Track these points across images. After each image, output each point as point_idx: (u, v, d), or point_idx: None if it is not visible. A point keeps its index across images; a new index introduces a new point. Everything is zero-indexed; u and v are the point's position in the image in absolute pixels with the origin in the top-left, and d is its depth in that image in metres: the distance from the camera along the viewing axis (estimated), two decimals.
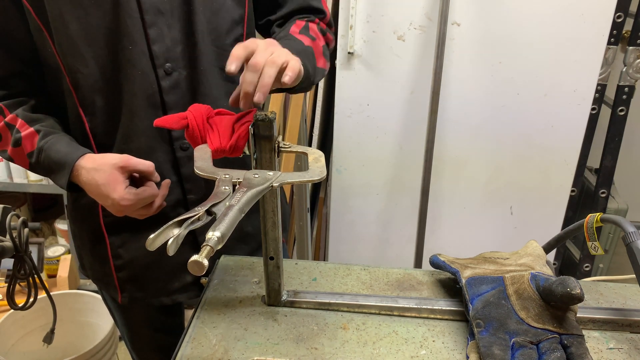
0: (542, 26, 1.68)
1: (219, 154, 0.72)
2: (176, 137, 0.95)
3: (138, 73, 0.89)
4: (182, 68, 0.92)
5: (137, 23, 0.87)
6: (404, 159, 1.87)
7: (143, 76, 0.90)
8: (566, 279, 0.69)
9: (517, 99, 1.78)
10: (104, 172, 0.84)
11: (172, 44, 0.90)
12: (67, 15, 0.85)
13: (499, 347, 0.68)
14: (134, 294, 1.05)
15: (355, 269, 0.93)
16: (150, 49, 0.89)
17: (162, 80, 0.91)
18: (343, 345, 0.75)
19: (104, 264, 1.03)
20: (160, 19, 0.88)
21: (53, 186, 2.41)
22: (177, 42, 0.90)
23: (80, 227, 1.06)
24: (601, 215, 0.79)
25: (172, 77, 0.91)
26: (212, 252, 0.53)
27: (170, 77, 0.91)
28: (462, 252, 0.98)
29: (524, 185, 1.90)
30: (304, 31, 0.96)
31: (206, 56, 0.93)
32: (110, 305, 1.16)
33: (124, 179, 0.85)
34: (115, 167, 0.84)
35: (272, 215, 0.75)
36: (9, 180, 2.42)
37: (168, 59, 0.90)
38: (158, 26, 0.88)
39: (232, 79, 0.96)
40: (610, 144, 2.10)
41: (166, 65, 0.90)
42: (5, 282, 0.93)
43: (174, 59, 0.91)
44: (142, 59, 0.89)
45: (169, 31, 0.89)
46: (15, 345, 1.55)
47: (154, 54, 0.89)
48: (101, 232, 1.01)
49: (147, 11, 0.87)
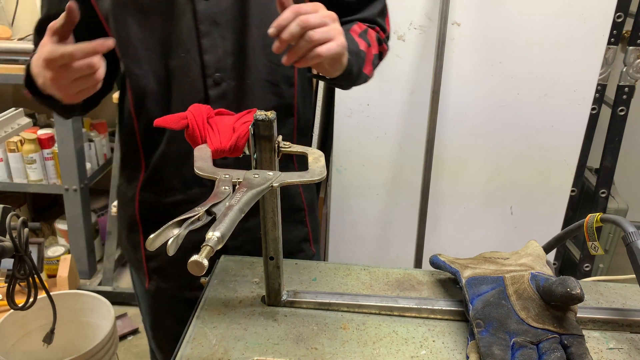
0: (542, 26, 1.68)
1: (219, 154, 0.72)
2: None
3: (188, 80, 0.92)
4: (231, 79, 0.93)
5: (192, 32, 0.89)
6: (404, 159, 1.87)
7: (193, 84, 0.92)
8: (566, 279, 0.69)
9: (517, 99, 1.78)
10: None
11: (223, 55, 0.92)
12: (129, 18, 0.88)
13: (499, 347, 0.68)
14: (160, 284, 1.08)
15: (355, 269, 0.93)
16: (202, 58, 0.91)
17: (210, 90, 0.93)
18: (343, 345, 0.75)
19: (136, 251, 1.08)
20: (215, 30, 0.90)
21: (53, 186, 2.41)
22: (228, 54, 0.92)
23: (120, 212, 1.11)
24: (601, 215, 0.79)
25: (220, 87, 0.93)
26: (212, 252, 0.53)
27: (218, 87, 0.93)
28: (462, 252, 0.98)
29: (524, 185, 1.90)
30: (363, 35, 0.97)
31: (256, 69, 0.94)
32: (138, 291, 1.18)
33: (49, 41, 0.77)
34: (42, 47, 0.78)
35: (272, 215, 0.75)
36: (9, 180, 2.42)
37: (218, 69, 0.92)
38: (212, 37, 0.90)
39: (279, 92, 0.98)
40: (610, 144, 2.10)
41: (215, 75, 0.92)
42: (5, 282, 0.93)
43: (224, 69, 0.92)
44: (193, 67, 0.91)
45: (222, 42, 0.91)
46: (15, 345, 1.55)
47: (205, 63, 0.91)
48: (136, 222, 1.05)
49: (202, 21, 0.89)
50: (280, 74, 0.96)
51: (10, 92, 2.86)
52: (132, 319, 2.30)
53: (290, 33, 0.73)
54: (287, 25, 0.73)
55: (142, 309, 1.22)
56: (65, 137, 2.28)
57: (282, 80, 0.97)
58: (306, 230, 1.13)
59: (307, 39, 0.74)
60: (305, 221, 1.12)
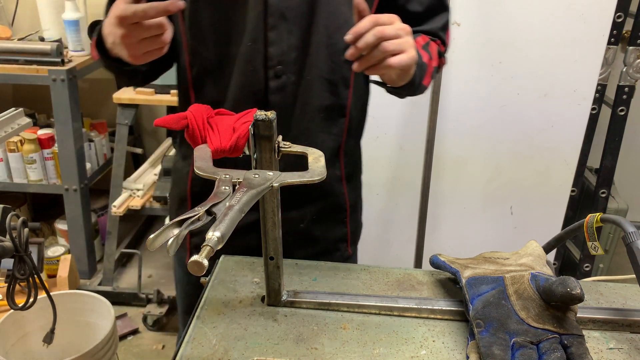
0: (542, 26, 1.68)
1: (219, 154, 0.72)
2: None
3: (250, 69, 0.94)
4: (292, 73, 0.96)
5: (260, 23, 0.92)
6: (404, 159, 1.88)
7: (254, 73, 0.95)
8: (566, 279, 0.69)
9: (517, 99, 1.78)
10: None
11: (287, 49, 0.94)
12: (201, 1, 0.92)
13: (499, 347, 0.68)
14: None
15: (355, 269, 0.93)
16: (266, 49, 0.93)
17: (271, 81, 0.95)
18: (343, 345, 0.75)
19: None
20: (282, 24, 0.92)
21: (53, 186, 2.41)
22: (292, 48, 0.94)
23: (173, 189, 1.14)
24: (601, 215, 0.79)
25: (280, 79, 0.95)
26: (212, 252, 0.53)
27: (278, 80, 0.95)
28: (462, 252, 0.98)
29: (524, 185, 1.90)
30: (426, 47, 0.99)
31: (317, 67, 0.96)
32: (177, 262, 1.20)
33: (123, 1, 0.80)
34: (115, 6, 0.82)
35: (272, 215, 0.75)
36: (9, 180, 2.42)
37: (280, 62, 0.94)
38: (279, 30, 0.93)
39: (335, 92, 1.00)
40: (610, 144, 2.10)
41: (277, 67, 0.94)
42: (5, 282, 0.93)
43: (286, 63, 0.94)
44: (257, 57, 0.94)
45: (287, 37, 0.93)
46: (15, 345, 1.55)
47: (269, 55, 0.93)
48: (187, 197, 1.07)
49: (272, 14, 0.91)
50: (339, 74, 0.98)
51: (10, 92, 2.86)
52: (132, 319, 2.30)
53: (366, 42, 0.77)
54: (364, 33, 0.77)
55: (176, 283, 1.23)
56: (65, 137, 2.28)
57: (339, 80, 0.99)
58: (345, 230, 1.14)
59: (381, 49, 0.78)
60: (346, 221, 1.13)
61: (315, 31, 0.94)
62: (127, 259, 2.68)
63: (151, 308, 2.28)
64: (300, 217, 1.06)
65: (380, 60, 0.79)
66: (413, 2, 1.01)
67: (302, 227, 1.07)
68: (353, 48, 0.79)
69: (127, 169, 2.44)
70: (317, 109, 0.99)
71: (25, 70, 2.19)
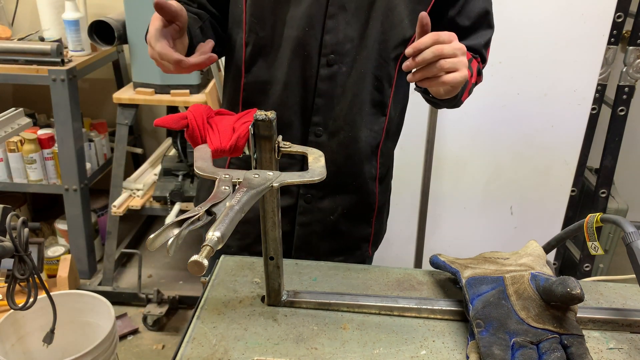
0: (542, 26, 1.68)
1: (219, 154, 0.72)
2: (315, 122, 1.01)
3: (304, 53, 0.97)
4: (343, 64, 0.98)
5: (321, 11, 0.95)
6: (404, 159, 1.87)
7: (307, 58, 0.97)
8: (566, 279, 0.69)
9: (517, 99, 1.78)
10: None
11: (343, 39, 0.96)
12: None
13: (499, 347, 0.68)
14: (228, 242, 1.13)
15: (356, 269, 0.93)
16: (322, 37, 0.96)
17: (322, 68, 0.98)
18: (343, 345, 0.75)
19: None
20: (341, 14, 0.95)
21: (53, 186, 2.41)
22: (347, 40, 0.97)
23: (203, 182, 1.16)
24: (601, 215, 0.79)
25: (332, 68, 0.98)
26: (212, 252, 0.53)
27: (330, 68, 0.98)
28: (462, 252, 0.98)
29: (524, 185, 1.90)
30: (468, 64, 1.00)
31: (367, 61, 0.98)
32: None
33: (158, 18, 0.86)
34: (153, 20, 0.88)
35: (272, 215, 0.75)
36: (9, 180, 2.42)
37: (334, 52, 0.97)
38: (337, 19, 0.95)
39: (380, 88, 1.02)
40: (610, 144, 2.10)
41: (330, 56, 0.97)
42: (5, 282, 0.93)
43: (339, 53, 0.97)
44: (312, 43, 0.96)
45: (344, 27, 0.96)
46: (15, 345, 1.55)
47: (324, 43, 0.96)
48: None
49: (332, 3, 0.94)
50: (385, 71, 1.00)
51: (10, 92, 2.86)
52: (132, 319, 2.30)
53: (424, 58, 0.81)
54: (423, 49, 0.80)
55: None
56: (65, 137, 2.27)
57: (385, 78, 1.01)
58: (370, 230, 1.15)
59: (438, 66, 0.81)
60: (372, 222, 1.14)
61: (371, 26, 0.96)
62: (127, 259, 2.68)
63: (151, 308, 2.27)
64: (332, 209, 1.08)
65: (435, 76, 0.83)
66: (462, 16, 1.03)
67: (331, 220, 1.08)
68: (410, 61, 0.82)
69: (127, 169, 2.44)
70: (363, 102, 1.01)
71: (25, 70, 2.18)
